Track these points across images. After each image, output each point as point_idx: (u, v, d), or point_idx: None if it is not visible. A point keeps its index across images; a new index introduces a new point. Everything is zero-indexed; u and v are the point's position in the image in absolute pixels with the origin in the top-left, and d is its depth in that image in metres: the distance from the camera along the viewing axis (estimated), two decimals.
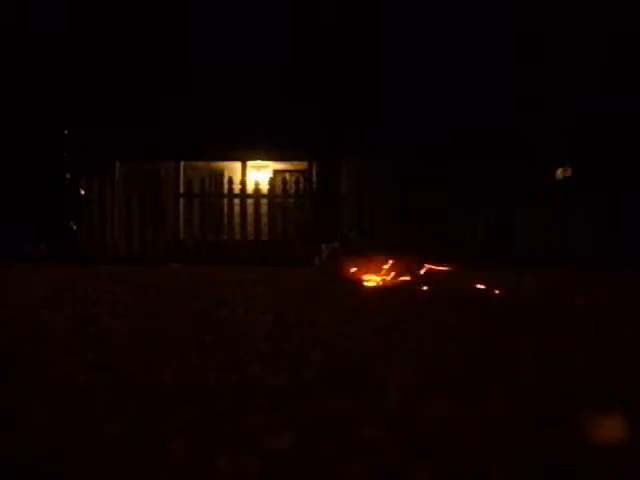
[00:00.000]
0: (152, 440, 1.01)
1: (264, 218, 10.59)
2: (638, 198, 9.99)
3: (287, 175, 11.73)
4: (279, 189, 10.74)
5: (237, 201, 10.71)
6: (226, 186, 10.81)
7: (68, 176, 11.16)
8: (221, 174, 12.32)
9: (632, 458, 0.97)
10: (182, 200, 11.02)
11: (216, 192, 10.89)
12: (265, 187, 10.79)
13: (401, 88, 12.30)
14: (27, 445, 0.98)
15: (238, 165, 13.02)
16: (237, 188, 10.81)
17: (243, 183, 11.07)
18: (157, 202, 10.63)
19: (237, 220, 10.62)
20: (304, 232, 10.32)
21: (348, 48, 12.23)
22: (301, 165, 12.77)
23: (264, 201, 10.62)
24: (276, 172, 12.98)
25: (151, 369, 1.53)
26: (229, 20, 13.15)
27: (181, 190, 11.34)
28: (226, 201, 10.77)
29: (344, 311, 2.87)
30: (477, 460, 0.94)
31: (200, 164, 12.86)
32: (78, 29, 12.50)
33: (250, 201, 10.65)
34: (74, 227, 10.50)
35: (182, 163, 12.83)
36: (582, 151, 11.65)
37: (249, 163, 13.07)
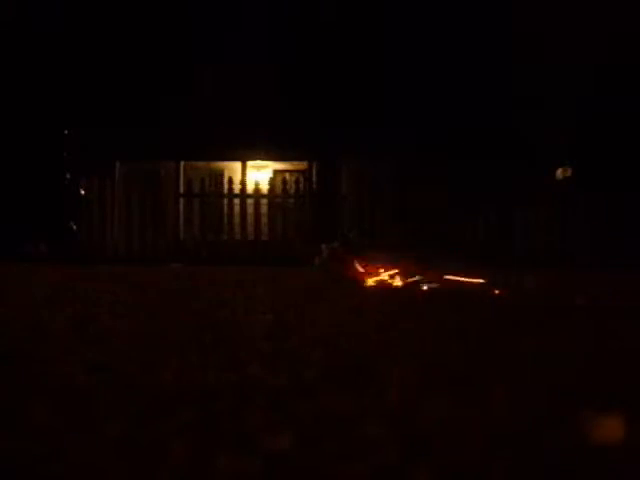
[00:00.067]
0: (152, 440, 1.01)
1: (264, 218, 10.58)
2: (638, 198, 9.99)
3: (287, 175, 11.72)
4: (279, 189, 10.74)
5: (237, 201, 10.71)
6: (226, 186, 10.80)
7: (68, 176, 11.16)
8: (221, 174, 12.30)
9: (632, 458, 0.97)
10: (182, 200, 11.01)
11: (216, 192, 10.87)
12: (265, 187, 10.78)
13: (401, 88, 12.29)
14: (27, 445, 0.98)
15: (238, 165, 13.01)
16: (237, 188, 10.80)
17: (243, 183, 11.06)
18: (157, 202, 10.63)
19: (237, 220, 10.62)
20: (304, 232, 10.31)
21: (348, 48, 12.23)
22: (301, 165, 12.76)
23: (264, 201, 10.61)
24: (276, 172, 12.97)
25: (151, 369, 1.53)
26: (229, 20, 13.14)
27: (181, 190, 11.33)
28: (226, 201, 10.76)
29: (344, 311, 2.87)
30: (477, 460, 0.94)
31: (200, 164, 12.85)
32: (78, 29, 12.49)
33: (250, 201, 10.64)
34: (74, 227, 10.50)
35: (182, 163, 12.81)
36: (582, 151, 11.65)
37: (249, 163, 13.06)
